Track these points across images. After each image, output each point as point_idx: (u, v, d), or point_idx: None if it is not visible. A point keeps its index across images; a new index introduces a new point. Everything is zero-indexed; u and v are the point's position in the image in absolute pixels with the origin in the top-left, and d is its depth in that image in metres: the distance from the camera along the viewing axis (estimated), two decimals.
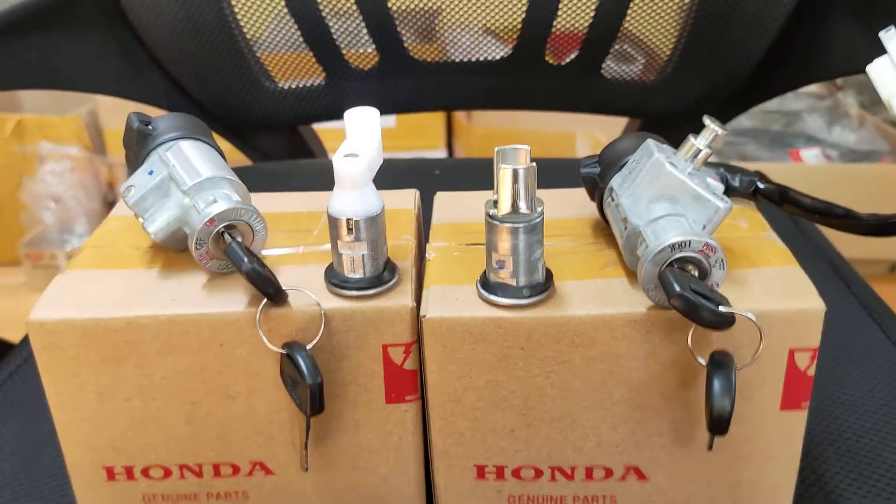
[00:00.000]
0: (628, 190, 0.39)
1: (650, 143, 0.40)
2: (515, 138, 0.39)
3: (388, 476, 0.43)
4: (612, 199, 0.41)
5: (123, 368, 0.40)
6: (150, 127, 0.43)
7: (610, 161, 0.42)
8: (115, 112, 1.83)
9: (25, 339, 0.61)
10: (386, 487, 0.43)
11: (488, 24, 0.82)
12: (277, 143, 0.90)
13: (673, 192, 0.38)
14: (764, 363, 0.38)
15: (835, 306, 0.61)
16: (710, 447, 0.39)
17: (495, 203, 0.37)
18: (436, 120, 1.76)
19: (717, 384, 0.36)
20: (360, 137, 0.39)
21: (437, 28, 0.83)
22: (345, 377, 0.40)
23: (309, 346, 0.38)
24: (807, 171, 1.74)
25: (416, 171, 0.78)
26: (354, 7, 0.79)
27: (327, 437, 0.42)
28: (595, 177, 0.43)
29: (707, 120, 0.39)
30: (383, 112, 0.87)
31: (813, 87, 2.07)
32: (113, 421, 0.41)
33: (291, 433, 0.42)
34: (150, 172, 0.41)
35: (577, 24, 0.80)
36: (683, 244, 0.36)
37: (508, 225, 0.37)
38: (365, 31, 0.81)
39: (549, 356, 0.39)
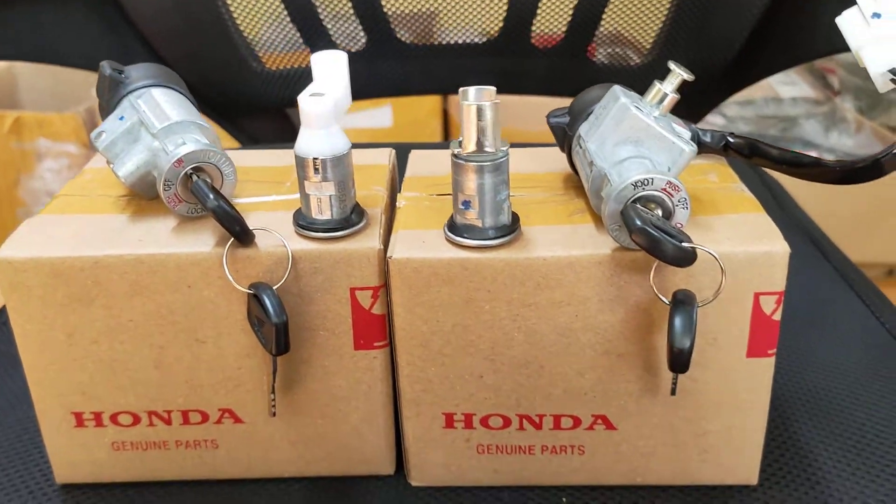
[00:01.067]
0: (595, 135, 0.39)
1: (616, 88, 0.40)
2: (513, 136, 0.40)
3: (357, 425, 0.43)
4: (580, 146, 0.41)
5: (91, 309, 0.40)
6: (122, 75, 0.43)
7: (579, 110, 0.42)
8: None
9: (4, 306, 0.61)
10: (356, 437, 0.43)
11: (478, 24, 0.82)
12: (266, 125, 0.90)
13: (638, 135, 0.38)
14: (729, 307, 0.38)
15: (812, 274, 0.61)
16: (674, 391, 0.39)
17: (461, 143, 0.37)
18: (432, 118, 1.77)
19: (677, 320, 0.36)
20: (326, 79, 0.39)
21: (430, 27, 0.84)
22: (313, 321, 0.40)
23: (275, 287, 0.39)
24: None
25: (406, 153, 0.78)
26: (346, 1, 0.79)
27: (296, 384, 0.42)
28: (564, 126, 0.43)
29: (672, 65, 0.39)
30: (372, 95, 0.87)
31: (810, 93, 2.07)
32: (81, 364, 0.41)
33: (260, 380, 0.42)
34: (121, 118, 0.42)
35: (560, 12, 0.80)
36: (646, 182, 0.36)
37: (473, 163, 0.37)
38: (353, 12, 0.81)
39: (515, 299, 0.39)
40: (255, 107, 0.86)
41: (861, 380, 0.50)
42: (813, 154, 0.41)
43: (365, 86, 0.87)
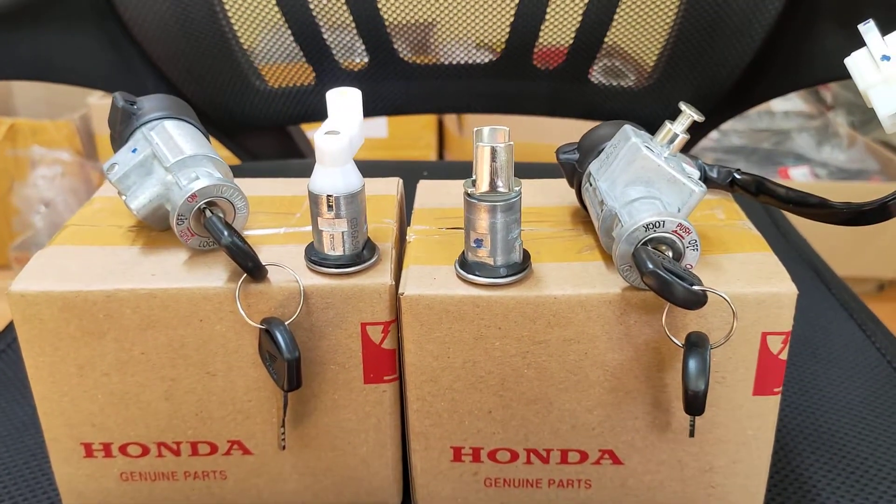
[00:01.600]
0: (605, 174, 0.40)
1: (627, 128, 0.41)
2: (518, 150, 0.40)
3: (366, 457, 0.43)
4: (590, 184, 0.41)
5: (103, 342, 0.40)
6: (135, 106, 0.44)
7: (588, 147, 0.43)
8: (107, 118, 1.84)
9: (8, 327, 0.61)
10: (364, 469, 0.44)
11: (479, 38, 0.83)
12: (266, 142, 0.90)
13: (649, 175, 0.39)
14: (737, 346, 0.39)
15: (815, 306, 0.62)
16: (692, 433, 0.40)
17: (474, 182, 0.37)
18: (427, 131, 1.77)
19: (692, 363, 0.36)
20: (341, 116, 0.39)
21: (429, 39, 0.84)
22: (323, 356, 0.41)
23: (287, 323, 0.39)
24: (797, 188, 1.75)
25: (405, 172, 0.78)
26: (347, 13, 0.79)
27: (306, 417, 0.42)
28: (574, 162, 0.43)
29: (683, 106, 0.39)
30: (373, 114, 0.88)
31: (803, 107, 2.08)
32: (92, 396, 0.41)
33: (270, 412, 0.42)
34: (134, 150, 0.42)
35: (562, 35, 0.81)
36: (657, 224, 0.36)
37: (486, 203, 0.37)
38: (356, 33, 0.82)
39: (526, 336, 0.39)
40: (257, 124, 0.87)
41: (863, 413, 0.51)
42: (814, 195, 0.42)
43: (366, 106, 0.88)
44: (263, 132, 0.90)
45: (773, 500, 0.44)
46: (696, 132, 0.88)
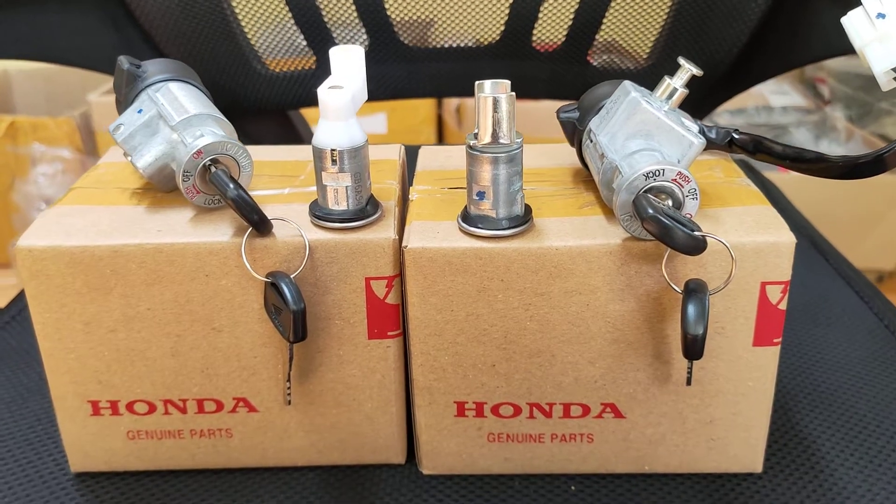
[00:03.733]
0: (605, 128, 0.40)
1: (627, 84, 0.41)
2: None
3: (371, 414, 0.44)
4: (591, 140, 0.42)
5: (109, 298, 0.40)
6: (140, 69, 0.44)
7: (589, 105, 0.43)
8: (107, 115, 1.84)
9: (13, 300, 0.61)
10: (369, 425, 0.44)
11: (477, 36, 0.83)
12: (267, 127, 0.91)
13: (648, 128, 0.39)
14: (736, 297, 0.39)
15: (814, 274, 0.62)
16: (689, 381, 0.40)
17: (476, 135, 0.38)
18: (426, 125, 1.78)
19: (690, 308, 0.37)
20: (345, 72, 0.40)
21: (428, 35, 0.85)
22: (328, 311, 0.41)
23: (292, 276, 0.39)
24: (794, 180, 1.76)
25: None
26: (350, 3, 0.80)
27: (311, 373, 0.43)
28: (574, 121, 0.44)
29: (682, 60, 0.40)
30: (374, 98, 0.88)
31: (801, 102, 2.09)
32: (98, 353, 0.42)
33: (275, 369, 0.42)
34: (140, 111, 0.42)
35: (560, 19, 0.82)
36: (657, 172, 0.37)
37: (489, 154, 0.38)
38: (356, 16, 0.82)
39: (528, 288, 0.39)
40: (258, 109, 0.87)
41: (862, 373, 0.51)
42: (810, 150, 0.42)
43: (367, 88, 0.88)
44: (264, 116, 0.90)
45: (774, 455, 0.45)
46: (694, 114, 0.89)
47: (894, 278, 1.78)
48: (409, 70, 0.86)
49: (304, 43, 0.84)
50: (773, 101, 2.05)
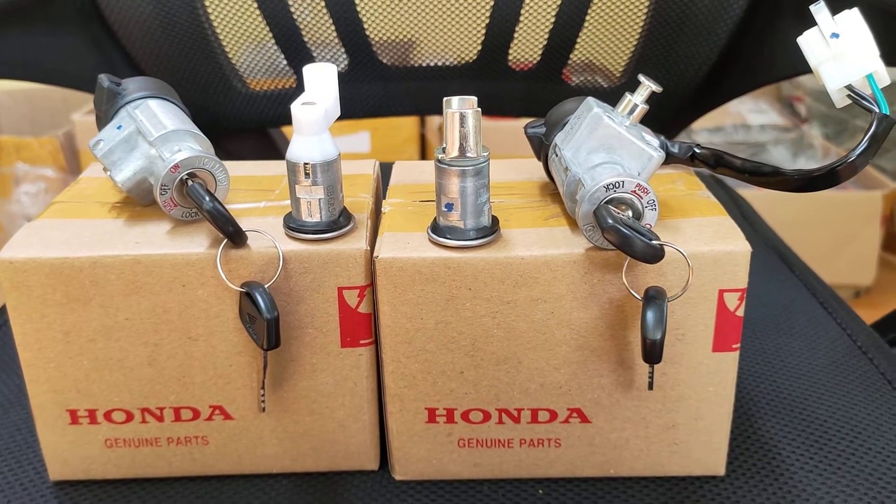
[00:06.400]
0: (570, 143, 0.42)
1: (590, 100, 0.43)
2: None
3: (343, 421, 0.45)
4: (556, 154, 0.43)
5: (88, 308, 0.41)
6: (119, 87, 0.45)
7: (555, 121, 0.45)
8: (90, 134, 1.84)
9: None
10: (342, 433, 0.45)
11: (457, 56, 0.85)
12: (246, 144, 0.92)
13: (610, 142, 0.41)
14: (696, 303, 0.41)
15: (779, 285, 0.64)
16: (651, 385, 0.42)
17: (444, 149, 0.39)
18: (409, 144, 1.80)
19: (649, 314, 0.38)
20: (318, 89, 0.41)
21: (409, 55, 0.86)
22: (301, 320, 0.42)
23: (266, 286, 0.40)
24: (772, 197, 1.78)
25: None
26: (325, 12, 0.82)
27: (284, 381, 0.44)
28: (541, 136, 0.46)
29: (642, 77, 0.42)
30: (353, 116, 0.90)
31: (778, 120, 2.12)
32: (77, 362, 0.43)
33: (250, 377, 0.43)
34: (119, 127, 0.44)
35: (536, 37, 0.84)
36: (617, 184, 0.38)
37: (456, 168, 0.39)
38: (336, 36, 0.84)
39: (495, 296, 0.41)
40: (238, 127, 0.88)
41: (823, 381, 0.53)
42: (768, 165, 0.44)
43: (346, 107, 0.90)
44: (244, 134, 0.91)
45: (736, 459, 0.46)
46: (668, 132, 0.91)
47: (871, 293, 1.81)
48: (388, 89, 0.88)
49: (285, 62, 0.85)
50: (750, 119, 2.08)
